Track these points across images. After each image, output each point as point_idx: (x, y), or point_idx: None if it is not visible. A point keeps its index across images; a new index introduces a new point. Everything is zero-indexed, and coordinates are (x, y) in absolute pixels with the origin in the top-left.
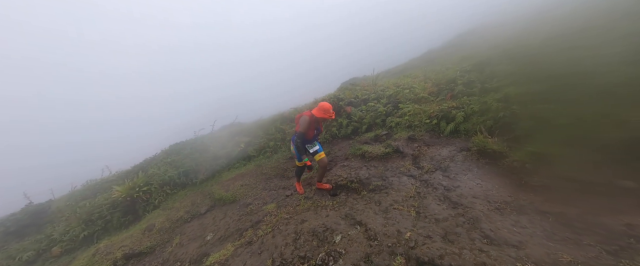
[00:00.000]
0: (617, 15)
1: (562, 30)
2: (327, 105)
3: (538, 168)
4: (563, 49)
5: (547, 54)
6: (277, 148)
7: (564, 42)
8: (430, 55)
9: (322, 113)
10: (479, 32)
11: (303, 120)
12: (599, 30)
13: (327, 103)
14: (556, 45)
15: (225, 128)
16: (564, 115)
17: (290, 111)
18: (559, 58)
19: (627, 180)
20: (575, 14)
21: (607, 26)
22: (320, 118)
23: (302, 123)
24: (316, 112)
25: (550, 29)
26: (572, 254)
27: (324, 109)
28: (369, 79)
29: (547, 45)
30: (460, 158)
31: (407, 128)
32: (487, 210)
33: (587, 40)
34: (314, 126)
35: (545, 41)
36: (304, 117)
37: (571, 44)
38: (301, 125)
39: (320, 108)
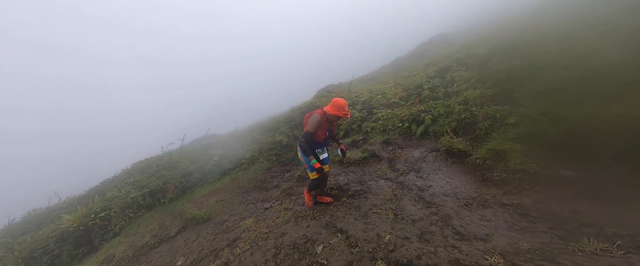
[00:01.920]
0: (551, 26)
1: (506, 41)
2: (341, 102)
3: (497, 164)
4: (505, 58)
5: (494, 61)
6: (254, 160)
7: (505, 51)
8: (399, 62)
9: (336, 110)
10: (437, 41)
11: (313, 119)
12: (537, 41)
13: (342, 100)
14: (500, 53)
15: (198, 142)
16: (512, 114)
17: (267, 120)
18: (502, 66)
19: (567, 170)
20: (520, 25)
21: (544, 37)
22: (334, 117)
23: (311, 122)
24: (329, 109)
25: (497, 40)
26: (530, 241)
27: (338, 106)
28: (344, 86)
29: (492, 54)
30: (431, 159)
31: (382, 132)
32: (456, 207)
33: (525, 50)
34: (326, 127)
35: (492, 50)
36: (314, 116)
37: (511, 54)
38: (309, 124)
39: (334, 104)
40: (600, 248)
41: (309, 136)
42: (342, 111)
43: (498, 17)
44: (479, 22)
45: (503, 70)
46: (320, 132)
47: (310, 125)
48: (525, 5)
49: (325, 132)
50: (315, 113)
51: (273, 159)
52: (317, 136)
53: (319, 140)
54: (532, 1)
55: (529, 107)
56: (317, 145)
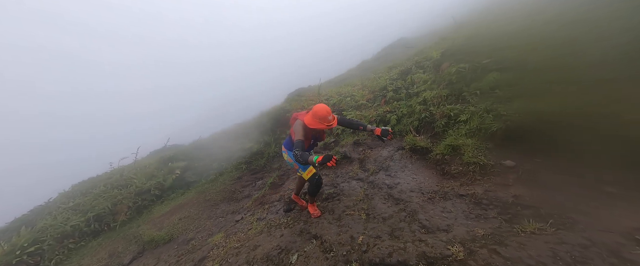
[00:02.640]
0: (504, 35)
1: (454, 46)
2: (321, 111)
3: (453, 158)
4: (454, 61)
5: (445, 64)
6: (222, 170)
7: (454, 54)
8: (365, 64)
9: (317, 122)
10: (398, 45)
11: (298, 126)
12: (480, 47)
13: (324, 108)
14: (450, 56)
15: (156, 154)
16: (463, 112)
17: (234, 127)
18: (453, 68)
19: (508, 160)
20: (467, 31)
21: (485, 43)
22: (315, 132)
23: (297, 130)
24: (309, 121)
25: (447, 45)
26: (484, 227)
27: (319, 117)
28: (314, 89)
29: (444, 57)
30: (397, 157)
31: (352, 133)
32: (422, 202)
33: (471, 54)
34: (310, 137)
35: (443, 54)
36: (298, 123)
37: (459, 58)
38: (296, 132)
39: (315, 115)
40: (537, 228)
41: (302, 145)
42: (324, 122)
43: (449, 24)
44: (434, 28)
45: (454, 72)
46: (306, 141)
47: (298, 133)
48: (473, 13)
49: (310, 140)
50: (300, 119)
51: (243, 168)
52: None
53: None
54: (480, 8)
55: (476, 105)
56: None
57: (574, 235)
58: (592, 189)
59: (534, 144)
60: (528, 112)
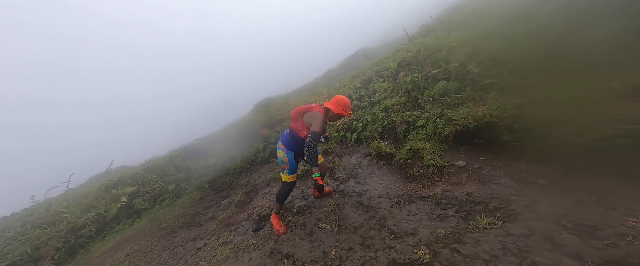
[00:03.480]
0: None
1: (408, 56)
2: (346, 100)
3: (415, 162)
4: (408, 71)
5: (401, 74)
6: (180, 192)
7: (408, 65)
8: (330, 74)
9: (342, 109)
10: (360, 55)
11: (316, 117)
12: (429, 58)
13: (346, 98)
14: (405, 67)
15: (97, 180)
16: (420, 118)
17: (194, 143)
18: (408, 77)
19: (460, 160)
20: (419, 43)
21: (434, 55)
22: (336, 117)
23: (316, 121)
24: (333, 107)
25: (402, 55)
26: (445, 227)
27: (344, 105)
28: (282, 98)
29: (400, 67)
30: (365, 164)
31: (320, 143)
32: (389, 207)
33: (421, 64)
34: (325, 128)
35: (399, 64)
36: (315, 114)
37: (412, 68)
38: (315, 123)
39: (340, 103)
40: (488, 223)
41: (318, 136)
42: (347, 110)
43: (403, 36)
44: (389, 40)
45: (409, 81)
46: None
47: (317, 125)
48: (423, 29)
49: (323, 132)
50: (314, 110)
51: (206, 187)
52: None
53: None
54: (436, 19)
55: (429, 111)
56: (301, 144)
57: (517, 226)
58: (527, 182)
59: (479, 144)
60: (472, 115)
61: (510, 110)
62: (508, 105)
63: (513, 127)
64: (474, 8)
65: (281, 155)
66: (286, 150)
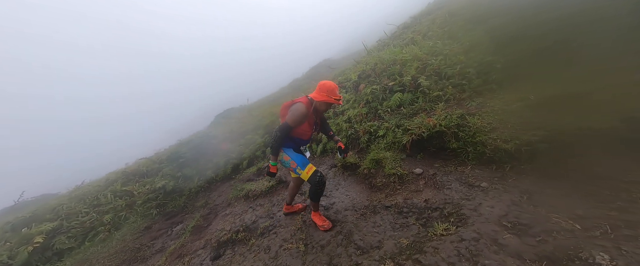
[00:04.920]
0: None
1: (366, 68)
2: (331, 84)
3: (378, 171)
4: (368, 83)
5: (361, 85)
6: (119, 223)
7: (367, 77)
8: (296, 83)
9: (325, 96)
10: (324, 66)
11: (295, 109)
12: (386, 71)
13: (331, 82)
14: (364, 79)
15: (2, 217)
16: (380, 128)
17: (136, 164)
18: (368, 89)
19: (418, 168)
20: (377, 56)
21: (389, 67)
22: (323, 106)
23: (291, 114)
24: (316, 95)
25: (361, 67)
26: (407, 236)
27: (328, 90)
28: (245, 109)
29: (360, 79)
30: (331, 175)
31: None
32: (355, 220)
33: (379, 77)
34: (313, 119)
35: (359, 76)
36: (296, 106)
37: (370, 80)
38: (289, 116)
39: (322, 89)
40: (444, 229)
41: (287, 129)
42: (333, 96)
43: (362, 49)
44: (351, 52)
45: (369, 93)
46: (306, 127)
47: (290, 117)
48: (381, 43)
49: (312, 126)
50: (298, 102)
51: (153, 213)
52: (302, 131)
53: (303, 137)
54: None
55: (388, 121)
56: (302, 142)
57: (468, 230)
58: (472, 186)
59: (433, 152)
60: (425, 125)
61: (455, 119)
62: (453, 115)
63: (458, 135)
64: (420, 28)
65: (280, 157)
66: (283, 149)
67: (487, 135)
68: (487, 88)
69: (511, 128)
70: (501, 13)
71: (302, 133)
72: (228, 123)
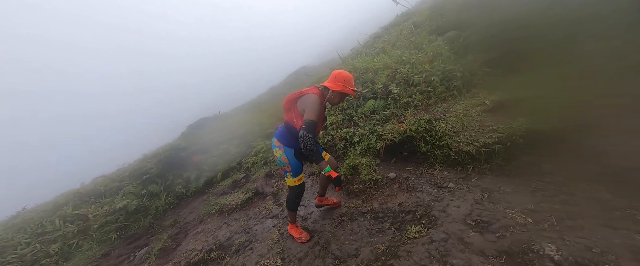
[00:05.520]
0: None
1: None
2: (347, 74)
3: (354, 177)
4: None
5: None
6: (69, 252)
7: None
8: (274, 90)
9: (342, 86)
10: (301, 73)
11: (311, 101)
12: (360, 78)
13: (346, 72)
14: None
15: None
16: (356, 134)
17: (93, 182)
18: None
19: (392, 172)
20: (351, 65)
21: (364, 76)
22: (337, 98)
23: (311, 106)
24: (331, 84)
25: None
26: (382, 241)
27: (345, 80)
28: (220, 118)
29: None
30: (308, 184)
31: (264, 165)
32: (333, 229)
33: (356, 85)
34: (323, 114)
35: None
36: (310, 97)
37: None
38: (309, 109)
39: (339, 78)
40: (416, 231)
41: (314, 126)
42: (349, 86)
43: (336, 57)
44: (328, 59)
45: (348, 100)
46: (320, 122)
47: (311, 110)
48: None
49: (322, 120)
50: (309, 93)
51: (112, 238)
52: (317, 127)
53: (316, 131)
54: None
55: (363, 127)
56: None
57: (437, 231)
58: (440, 187)
59: (405, 156)
60: (396, 131)
61: (423, 124)
62: (421, 120)
63: (427, 139)
64: (389, 38)
65: (278, 154)
66: (283, 147)
67: (451, 138)
68: (450, 95)
69: (472, 132)
70: (459, 26)
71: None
72: (200, 134)
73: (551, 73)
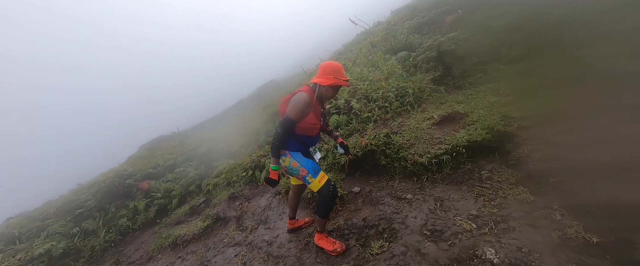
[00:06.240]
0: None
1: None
2: (336, 64)
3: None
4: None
5: None
6: None
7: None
8: (241, 104)
9: (333, 78)
10: (270, 86)
11: (296, 100)
12: None
13: (334, 62)
14: None
15: None
16: (321, 149)
17: (5, 224)
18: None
19: (356, 186)
20: None
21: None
22: (330, 92)
23: (292, 106)
24: (321, 79)
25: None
26: (347, 260)
27: (335, 70)
28: (180, 136)
29: None
30: (275, 204)
31: (227, 186)
32: (299, 252)
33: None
34: (320, 110)
35: None
36: (298, 96)
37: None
38: (290, 108)
39: (327, 70)
40: (379, 246)
41: (289, 123)
42: (341, 77)
43: (300, 71)
44: (296, 72)
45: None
46: (313, 119)
47: (292, 108)
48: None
49: (320, 117)
50: (299, 91)
51: None
52: (309, 126)
53: (311, 133)
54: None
55: (328, 142)
56: (310, 140)
57: (397, 245)
58: (400, 199)
59: (367, 169)
60: (359, 145)
61: (383, 138)
62: (381, 134)
63: (386, 152)
64: (350, 56)
65: (287, 162)
66: (289, 153)
67: (407, 151)
68: (404, 110)
69: (424, 144)
70: (408, 47)
71: (309, 128)
72: (152, 156)
73: (486, 89)
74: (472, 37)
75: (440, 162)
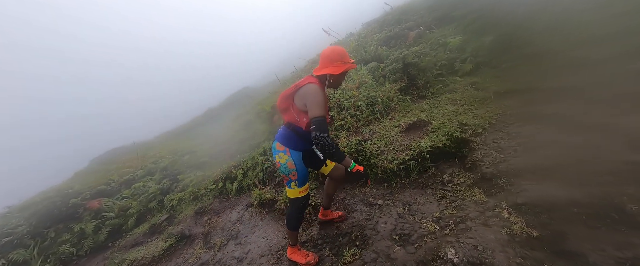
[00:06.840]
0: None
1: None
2: (340, 49)
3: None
4: (279, 114)
5: (276, 117)
6: None
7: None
8: (211, 112)
9: (340, 64)
10: (243, 94)
11: (309, 94)
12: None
13: (337, 47)
14: (275, 111)
15: None
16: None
17: None
18: (280, 121)
19: (341, 194)
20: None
21: None
22: (341, 78)
23: (312, 101)
24: (328, 68)
25: (275, 99)
26: None
27: (341, 54)
28: (139, 147)
29: (273, 110)
30: (247, 217)
31: (194, 200)
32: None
33: None
34: (327, 104)
35: (273, 108)
36: (307, 89)
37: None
38: (313, 104)
39: (333, 57)
40: (351, 255)
41: (324, 122)
42: (347, 60)
43: (275, 80)
44: (270, 80)
45: (281, 125)
46: (327, 114)
47: (316, 105)
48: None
49: (328, 111)
50: (307, 84)
51: None
52: None
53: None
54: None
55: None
56: (308, 136)
57: (369, 251)
58: (371, 205)
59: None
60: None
61: (355, 146)
62: (353, 142)
63: (358, 159)
64: None
65: (283, 160)
66: (289, 150)
67: (377, 157)
68: (374, 118)
69: (392, 150)
70: (377, 58)
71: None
72: (106, 170)
73: (445, 99)
74: (432, 51)
75: (408, 167)
